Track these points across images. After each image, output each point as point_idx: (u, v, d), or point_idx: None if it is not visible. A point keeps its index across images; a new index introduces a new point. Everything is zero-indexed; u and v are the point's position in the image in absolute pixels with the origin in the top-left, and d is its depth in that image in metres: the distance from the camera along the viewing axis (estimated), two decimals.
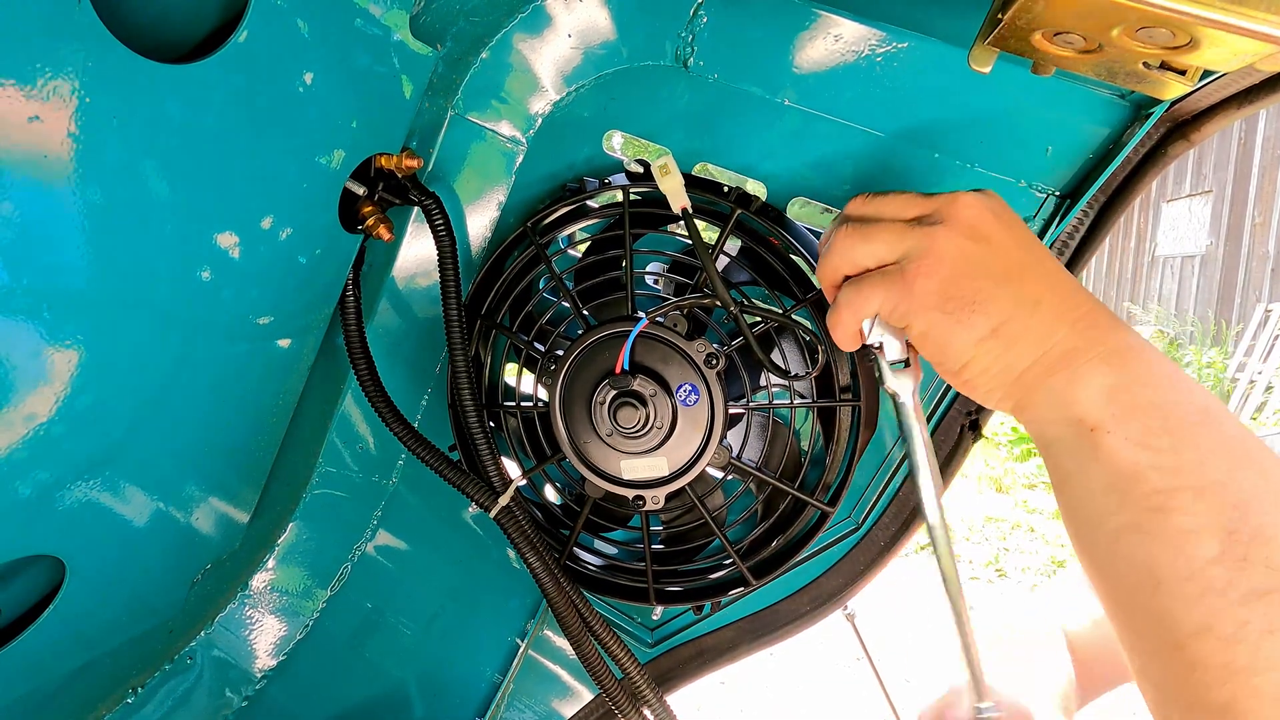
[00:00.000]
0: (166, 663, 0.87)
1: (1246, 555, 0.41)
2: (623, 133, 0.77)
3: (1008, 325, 0.49)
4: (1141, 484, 0.44)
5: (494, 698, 0.92)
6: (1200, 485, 0.42)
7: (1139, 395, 0.45)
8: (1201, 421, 0.44)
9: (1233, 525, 0.41)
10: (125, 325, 0.56)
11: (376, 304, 0.84)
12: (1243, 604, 0.40)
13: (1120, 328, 0.48)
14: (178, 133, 0.52)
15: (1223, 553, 0.41)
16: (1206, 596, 0.41)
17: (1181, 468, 0.43)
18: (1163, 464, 0.44)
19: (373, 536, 0.92)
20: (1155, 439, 0.44)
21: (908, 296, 0.51)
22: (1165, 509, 0.43)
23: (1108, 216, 0.68)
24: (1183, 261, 10.70)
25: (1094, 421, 0.46)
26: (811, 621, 0.83)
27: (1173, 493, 0.43)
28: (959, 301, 0.49)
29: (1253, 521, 0.41)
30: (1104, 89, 0.63)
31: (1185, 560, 0.42)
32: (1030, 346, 0.48)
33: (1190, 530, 0.42)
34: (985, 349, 0.50)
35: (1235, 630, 0.40)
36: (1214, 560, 0.41)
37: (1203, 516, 0.42)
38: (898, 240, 0.52)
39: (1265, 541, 0.41)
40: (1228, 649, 0.40)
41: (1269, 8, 0.38)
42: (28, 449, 0.53)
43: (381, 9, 0.62)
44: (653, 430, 0.72)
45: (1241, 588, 0.40)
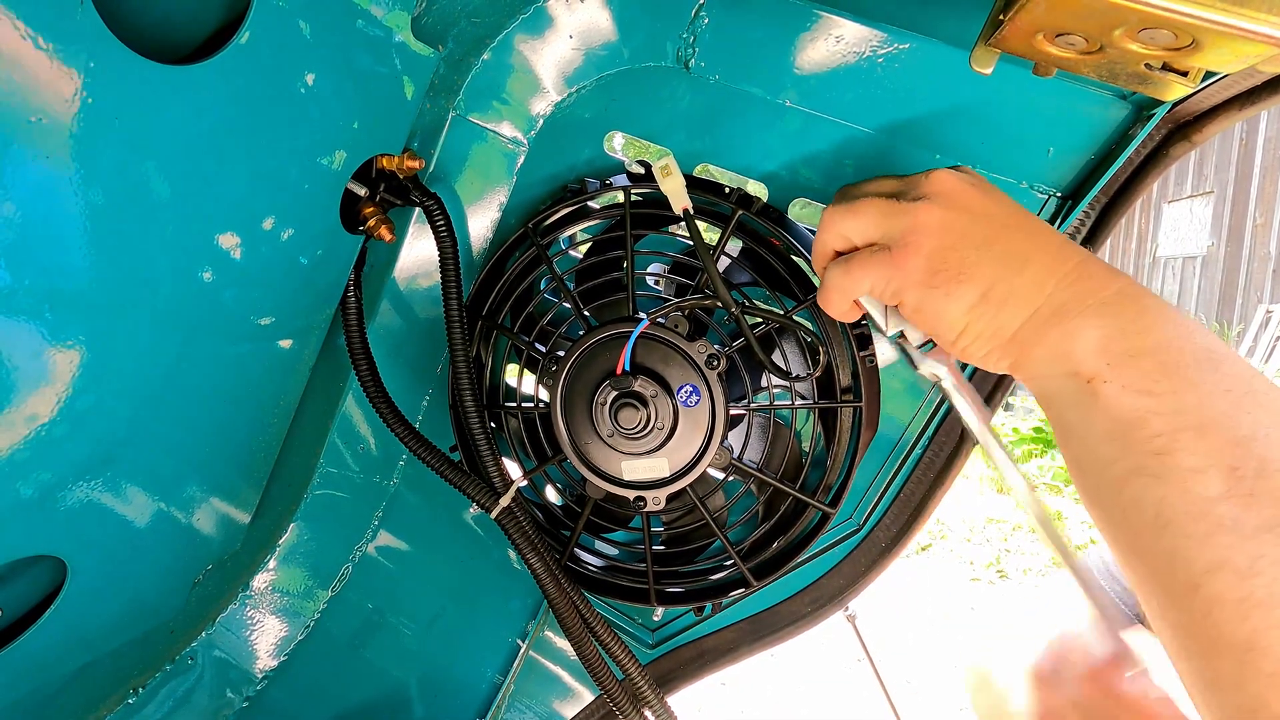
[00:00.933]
0: (167, 663, 0.87)
1: (1253, 490, 0.40)
2: (624, 134, 0.77)
3: (996, 288, 0.49)
4: (1142, 428, 0.44)
5: (495, 699, 0.92)
6: (1201, 424, 0.42)
7: (1134, 342, 0.45)
8: (1202, 361, 0.44)
9: (1237, 461, 0.41)
10: (127, 326, 0.56)
11: (378, 305, 0.84)
12: (1254, 538, 0.40)
13: (1113, 276, 0.48)
14: (179, 134, 0.52)
15: (1229, 489, 0.41)
16: (1217, 534, 0.40)
17: (1182, 409, 0.43)
18: (1162, 407, 0.43)
19: (374, 537, 0.92)
20: (1153, 383, 0.44)
21: (897, 274, 0.52)
22: (1168, 450, 0.43)
23: (1109, 217, 0.68)
24: (1184, 263, 10.69)
25: (1090, 372, 0.46)
26: (813, 623, 0.83)
27: (1174, 434, 0.43)
28: (946, 274, 0.50)
29: (1257, 456, 0.41)
30: (1105, 90, 0.63)
31: (1192, 499, 0.41)
32: (1021, 306, 0.49)
33: (1195, 469, 0.42)
34: (977, 315, 0.50)
35: (1250, 564, 0.39)
36: (1221, 497, 0.41)
37: (1206, 455, 0.42)
38: (882, 217, 0.53)
39: (1271, 475, 0.40)
40: (1244, 583, 0.39)
41: (1270, 9, 0.38)
42: (29, 449, 0.53)
43: (383, 10, 0.62)
44: (654, 431, 0.72)
45: (1251, 522, 0.40)
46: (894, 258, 0.51)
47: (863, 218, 0.54)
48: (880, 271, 0.52)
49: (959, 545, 5.51)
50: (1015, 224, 0.51)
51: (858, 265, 0.54)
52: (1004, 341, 0.50)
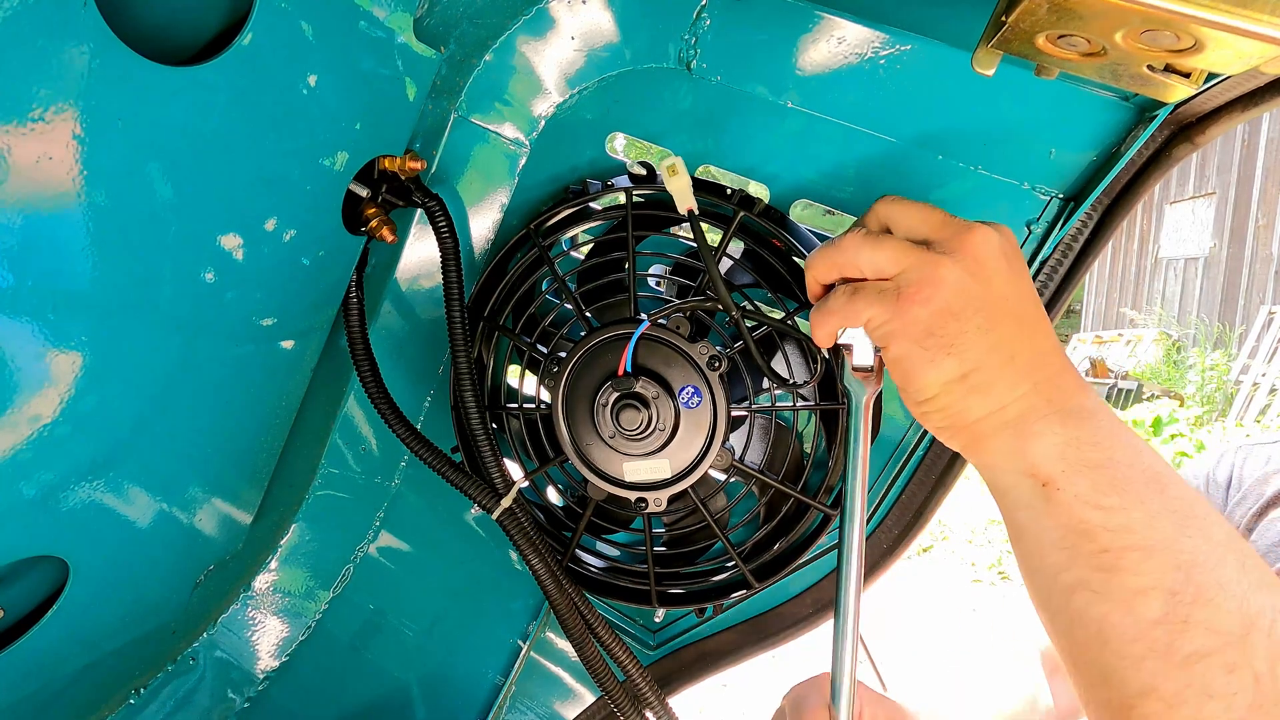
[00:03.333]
0: (169, 663, 0.87)
1: (1188, 617, 0.42)
2: (625, 135, 0.77)
3: (977, 373, 0.49)
4: (1091, 542, 0.45)
5: (496, 699, 0.92)
6: (1148, 545, 0.44)
7: (1090, 454, 0.46)
8: (1150, 482, 0.45)
9: (1177, 586, 0.42)
10: (129, 326, 0.56)
11: (379, 305, 0.84)
12: (1183, 667, 0.41)
13: (1081, 391, 0.49)
14: (182, 135, 0.52)
15: (1166, 614, 0.42)
16: (1149, 658, 0.42)
17: (1130, 527, 0.44)
18: (1111, 523, 0.45)
19: (375, 538, 0.92)
20: (1105, 497, 0.45)
21: (895, 319, 0.51)
22: (1114, 568, 0.44)
23: (1111, 219, 0.68)
24: (1186, 264, 10.68)
25: (1046, 476, 0.47)
26: (814, 624, 0.83)
27: (1121, 551, 0.44)
28: (938, 341, 0.50)
29: (1195, 583, 0.42)
30: (1108, 91, 0.63)
31: (1132, 620, 0.43)
32: (991, 397, 0.49)
33: (1138, 590, 0.43)
34: (949, 389, 0.50)
35: (1177, 692, 0.41)
36: (1158, 621, 0.42)
37: (1150, 576, 0.43)
38: (902, 256, 0.51)
39: (1205, 603, 0.42)
40: (1171, 711, 0.41)
41: (1273, 10, 0.38)
42: (32, 450, 0.54)
43: (385, 12, 0.62)
44: (655, 432, 0.72)
45: (1183, 650, 0.41)
46: (899, 304, 0.50)
47: (881, 256, 0.52)
48: (881, 311, 0.51)
49: (960, 547, 5.51)
50: (1019, 315, 0.50)
51: (863, 299, 0.52)
52: (964, 425, 0.51)
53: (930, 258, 0.50)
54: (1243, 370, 8.20)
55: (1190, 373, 8.73)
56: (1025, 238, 0.69)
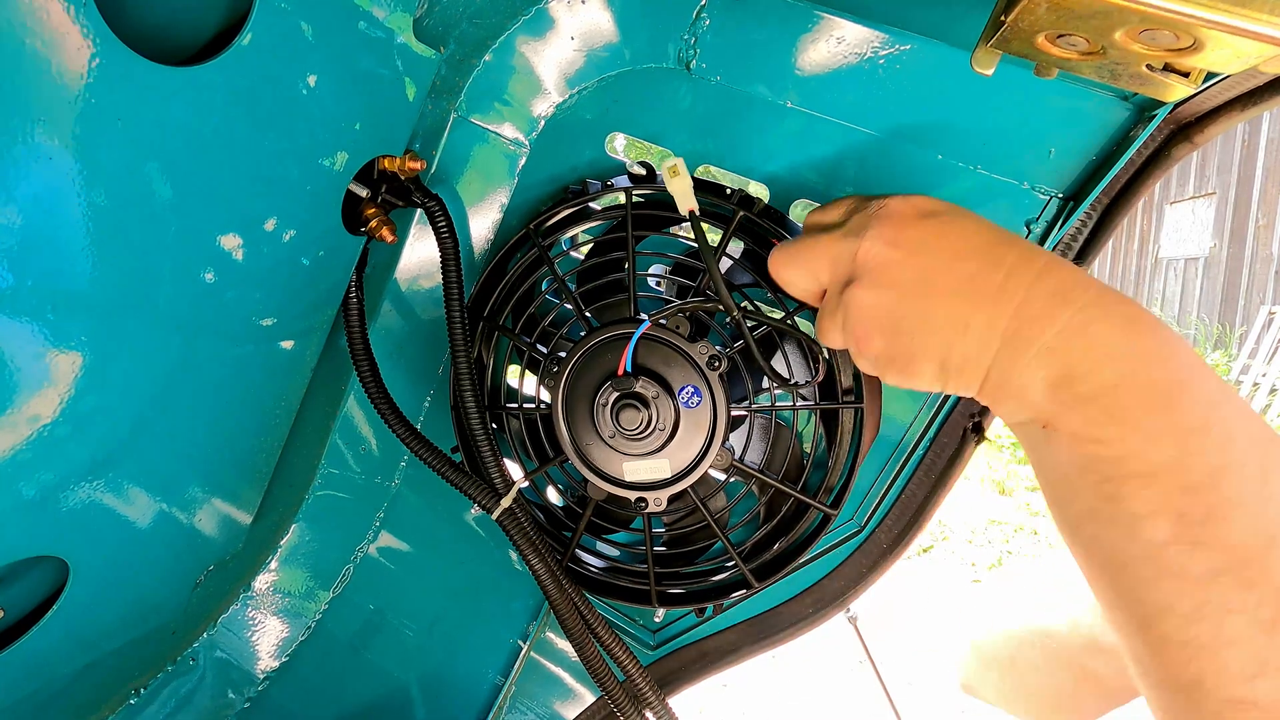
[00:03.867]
0: (169, 664, 0.87)
1: (1198, 537, 0.41)
2: (625, 135, 0.77)
3: (950, 357, 0.50)
4: (1091, 473, 0.45)
5: (496, 700, 0.92)
6: (1148, 470, 0.43)
7: (1078, 387, 0.45)
8: (1152, 401, 0.43)
9: (1183, 508, 0.41)
10: (129, 327, 0.56)
11: (379, 306, 0.84)
12: (1199, 585, 0.41)
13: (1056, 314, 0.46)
14: (181, 135, 0.52)
15: (1176, 535, 0.41)
16: (1164, 578, 0.42)
17: (1127, 455, 0.43)
18: (1109, 454, 0.44)
19: (375, 538, 0.92)
20: (1099, 429, 0.44)
21: (869, 363, 0.54)
22: (1117, 496, 0.43)
23: (1111, 219, 0.68)
24: (1186, 264, 10.68)
25: (1044, 418, 0.47)
26: (814, 624, 0.83)
27: (1122, 480, 0.43)
28: (902, 359, 0.52)
29: (1205, 502, 0.41)
30: (1107, 91, 0.63)
31: (1142, 544, 0.43)
32: (976, 368, 0.50)
33: (1143, 515, 0.42)
34: (944, 380, 0.52)
35: (1195, 609, 0.41)
36: (1167, 543, 0.42)
37: (1153, 502, 0.42)
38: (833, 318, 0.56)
39: (1219, 521, 0.41)
40: (1190, 627, 0.41)
41: (1272, 9, 0.38)
42: (31, 450, 0.54)
43: (385, 12, 0.62)
44: (655, 432, 0.72)
45: (1197, 569, 0.41)
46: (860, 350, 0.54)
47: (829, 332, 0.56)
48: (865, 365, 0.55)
49: (961, 547, 5.51)
50: (948, 282, 0.49)
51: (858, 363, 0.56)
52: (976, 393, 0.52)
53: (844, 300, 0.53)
54: (1243, 370, 8.19)
55: None
56: (1024, 237, 0.69)
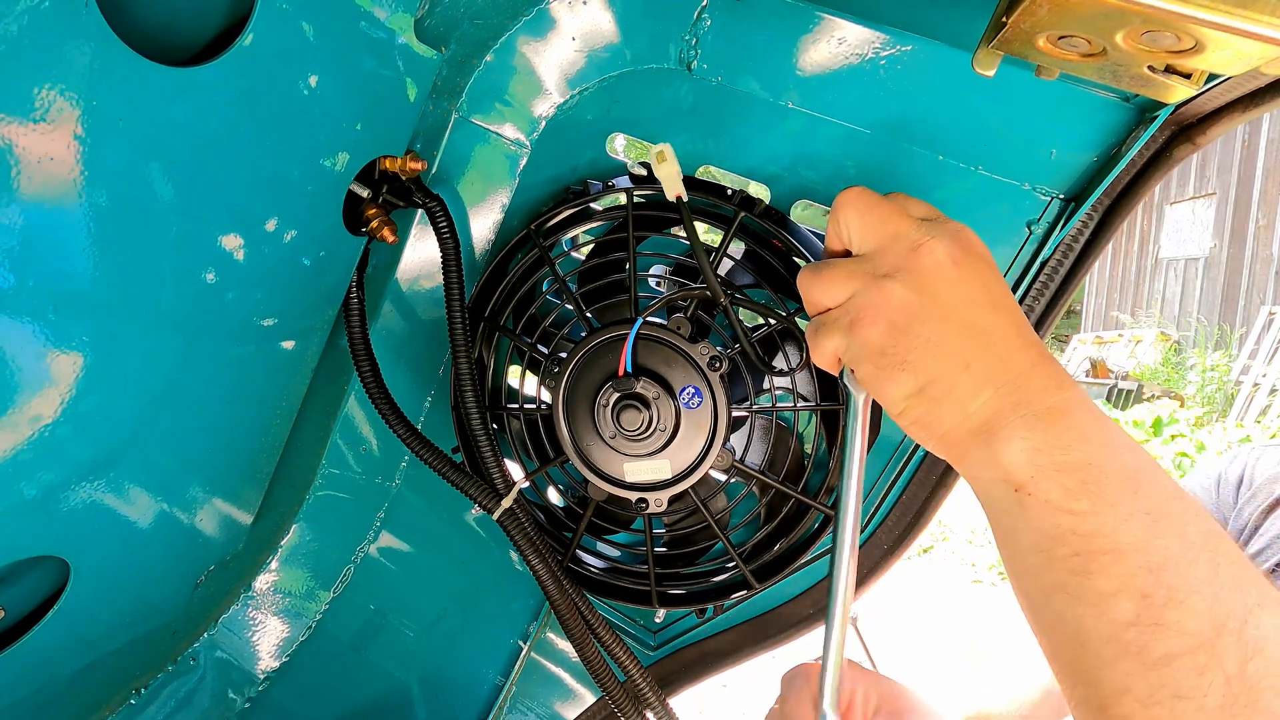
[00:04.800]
0: (169, 664, 0.87)
1: (1160, 620, 0.42)
2: (626, 135, 0.77)
3: (933, 386, 0.50)
4: (1063, 546, 0.45)
5: (496, 700, 0.92)
6: (1119, 548, 0.44)
7: (1060, 457, 0.46)
8: (1124, 482, 0.45)
9: (1148, 589, 0.43)
10: (130, 327, 0.56)
11: (380, 306, 0.84)
12: (1155, 668, 0.42)
13: (1055, 388, 0.49)
14: (183, 135, 0.52)
15: (1138, 616, 0.43)
16: (1123, 659, 0.43)
17: (1100, 531, 0.44)
18: (1081, 527, 0.45)
19: (376, 538, 0.92)
20: (1075, 501, 0.45)
21: (854, 344, 0.53)
22: (1086, 571, 0.45)
23: (1112, 219, 0.68)
24: (1186, 264, 10.68)
25: (1018, 481, 0.47)
26: (814, 625, 0.83)
27: (1092, 555, 0.44)
28: (891, 359, 0.51)
29: (1167, 584, 0.43)
30: (1108, 92, 0.63)
31: (1106, 623, 0.44)
32: (955, 407, 0.50)
33: (1109, 593, 0.44)
34: (913, 404, 0.51)
35: (1150, 694, 0.42)
36: (1130, 623, 0.43)
37: (1120, 580, 0.43)
38: (847, 284, 0.53)
39: (1177, 605, 0.42)
40: (1145, 711, 0.42)
41: (1273, 11, 0.38)
42: (33, 450, 0.54)
43: (386, 12, 0.62)
44: (656, 433, 0.72)
45: (1156, 651, 0.42)
46: (853, 329, 0.52)
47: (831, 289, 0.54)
48: (841, 341, 0.54)
49: (961, 547, 5.51)
50: (971, 322, 0.50)
51: (824, 333, 0.54)
52: (937, 435, 0.51)
53: (874, 280, 0.52)
54: (1243, 371, 8.19)
55: (1190, 373, 8.73)
56: (1026, 238, 0.69)
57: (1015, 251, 0.70)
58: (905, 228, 0.52)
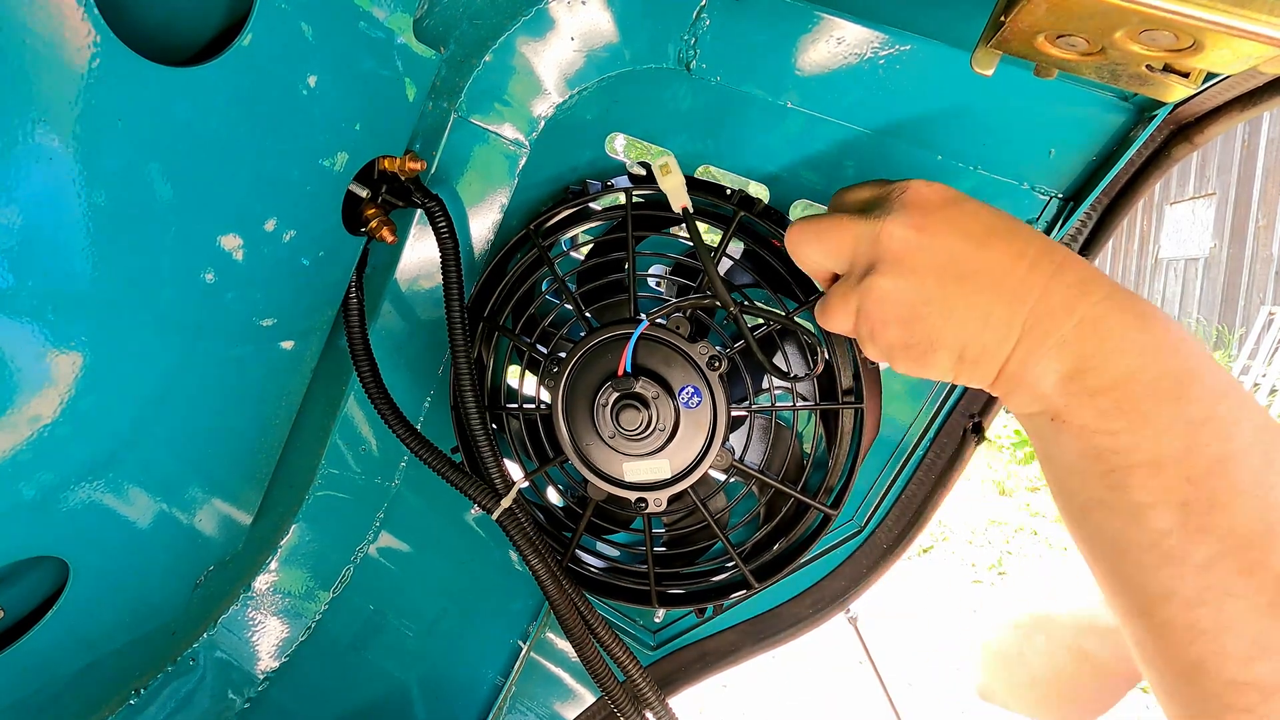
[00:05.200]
0: (169, 664, 0.87)
1: (1202, 525, 0.42)
2: (625, 135, 0.77)
3: (968, 349, 0.50)
4: (1099, 463, 0.46)
5: (496, 700, 0.92)
6: (1155, 460, 0.44)
7: (1090, 381, 0.46)
8: (1162, 392, 0.45)
9: (1187, 497, 0.43)
10: (129, 327, 0.56)
11: (379, 306, 0.84)
12: (1200, 571, 0.42)
13: (1076, 301, 0.47)
14: (182, 135, 0.52)
15: (1180, 523, 0.43)
16: (1166, 565, 0.43)
17: (1136, 446, 0.44)
18: (1117, 445, 0.45)
19: (375, 538, 0.92)
20: (1109, 421, 0.45)
21: (882, 351, 0.54)
22: (1123, 486, 0.45)
23: (1111, 219, 0.68)
24: (1186, 264, 10.68)
25: (1054, 409, 0.48)
26: (814, 624, 0.83)
27: (1129, 470, 0.44)
28: (919, 348, 0.51)
29: (1209, 490, 0.43)
30: (1107, 91, 0.63)
31: (1145, 532, 0.44)
32: (993, 359, 0.50)
33: (1148, 504, 0.44)
34: (959, 372, 0.52)
35: (1197, 594, 0.42)
36: (1170, 531, 0.43)
37: (1158, 491, 0.44)
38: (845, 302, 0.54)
39: (1221, 509, 0.42)
40: (1191, 611, 0.43)
41: (1272, 10, 0.38)
42: (31, 450, 0.54)
43: (385, 12, 0.62)
44: (655, 433, 0.72)
45: (1199, 555, 0.42)
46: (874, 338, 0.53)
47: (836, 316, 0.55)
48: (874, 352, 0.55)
49: (961, 547, 5.51)
50: (972, 271, 0.50)
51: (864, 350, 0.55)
52: (989, 384, 0.52)
53: (862, 286, 0.52)
54: (1243, 371, 8.19)
55: None
56: None
57: None
58: (856, 227, 0.53)
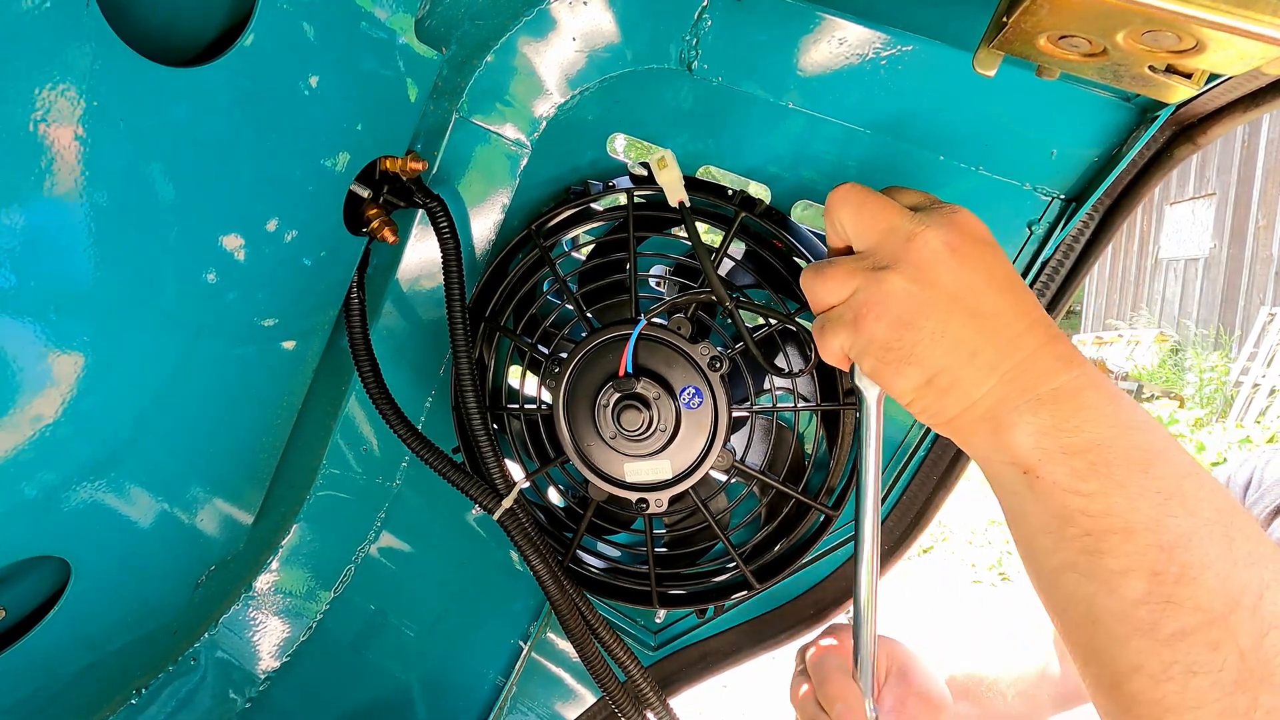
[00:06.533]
0: (170, 664, 0.87)
1: (1171, 596, 0.43)
2: (627, 136, 0.77)
3: (941, 376, 0.50)
4: (1073, 526, 0.46)
5: (497, 700, 0.92)
6: (1127, 527, 0.44)
7: (1067, 440, 0.46)
8: (1133, 462, 0.46)
9: (1159, 567, 0.43)
10: (130, 327, 0.56)
11: (381, 306, 0.84)
12: (1168, 644, 0.42)
13: (1060, 369, 0.48)
14: (184, 136, 0.52)
15: (1149, 593, 0.43)
16: (1135, 637, 0.43)
17: (1110, 510, 0.45)
18: (1091, 508, 0.45)
19: (376, 538, 0.92)
20: (1083, 483, 0.46)
21: (859, 340, 0.53)
22: (1096, 551, 0.45)
23: (1112, 220, 0.68)
24: (1186, 264, 10.68)
25: (1026, 464, 0.48)
26: (815, 625, 0.83)
27: (1102, 535, 0.45)
28: (897, 353, 0.51)
29: (1179, 562, 0.43)
30: (1109, 92, 0.63)
31: (1116, 600, 0.44)
32: (961, 396, 0.50)
33: (1119, 571, 0.44)
34: (920, 395, 0.52)
35: (1163, 669, 0.42)
36: (1140, 601, 0.43)
37: (1130, 558, 0.44)
38: (848, 280, 0.53)
39: (1189, 582, 0.42)
40: (1157, 687, 0.43)
41: (1274, 11, 0.38)
42: (34, 450, 0.54)
43: (387, 12, 0.62)
44: (656, 433, 0.72)
45: (1167, 628, 0.42)
46: (856, 325, 0.52)
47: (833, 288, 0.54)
48: (846, 336, 0.54)
49: (961, 548, 5.50)
50: (974, 310, 0.50)
51: (830, 331, 0.55)
52: (945, 422, 0.52)
53: (874, 275, 0.52)
54: (1242, 372, 8.19)
55: (1189, 374, 8.73)
56: (1026, 238, 0.69)
57: (1016, 252, 0.70)
58: (898, 220, 0.52)
